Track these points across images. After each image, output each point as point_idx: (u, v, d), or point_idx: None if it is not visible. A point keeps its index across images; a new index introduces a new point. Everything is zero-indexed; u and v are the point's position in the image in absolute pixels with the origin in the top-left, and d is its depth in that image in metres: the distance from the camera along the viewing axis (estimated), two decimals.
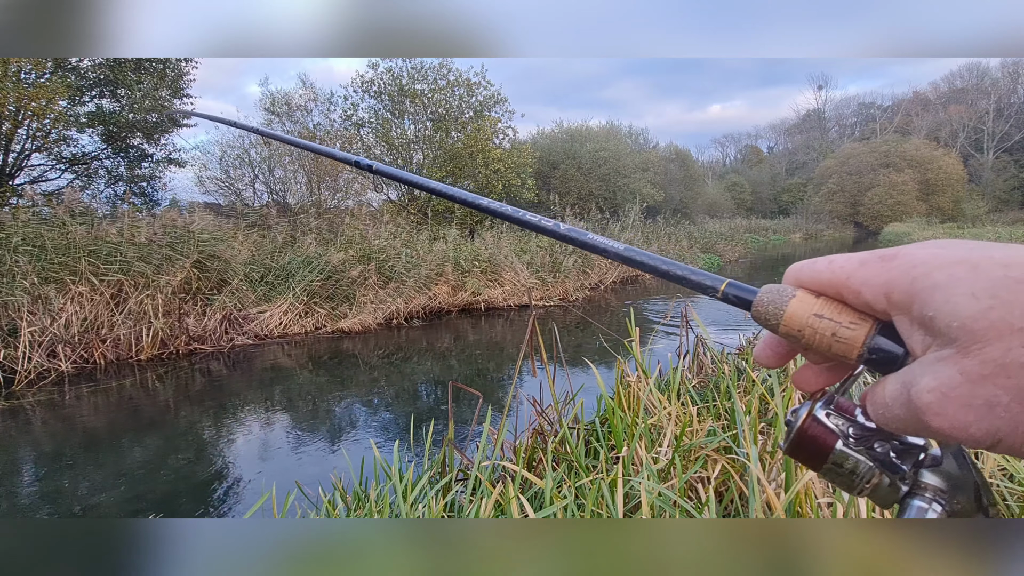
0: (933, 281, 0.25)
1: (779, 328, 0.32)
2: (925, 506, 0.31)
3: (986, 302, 0.24)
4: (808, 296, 0.31)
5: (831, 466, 0.32)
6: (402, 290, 9.48)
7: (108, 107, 13.02)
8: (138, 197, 13.66)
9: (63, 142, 12.54)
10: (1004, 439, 0.24)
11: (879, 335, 0.29)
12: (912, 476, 0.31)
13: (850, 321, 0.29)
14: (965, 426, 0.25)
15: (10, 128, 10.95)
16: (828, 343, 0.30)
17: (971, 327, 0.24)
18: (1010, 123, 41.35)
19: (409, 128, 19.44)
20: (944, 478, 0.31)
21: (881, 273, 0.28)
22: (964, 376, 0.24)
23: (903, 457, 0.32)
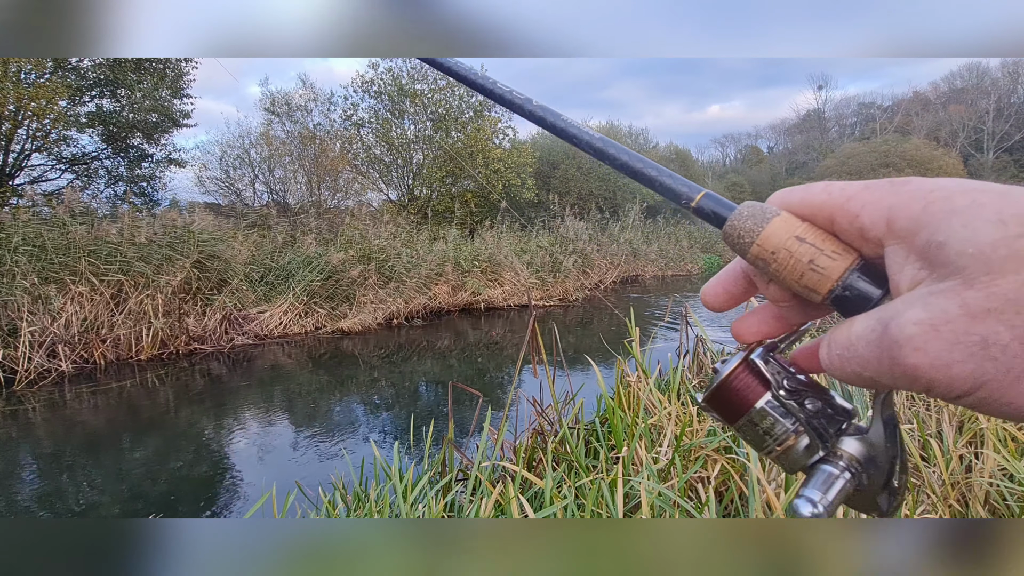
0: (952, 205, 0.23)
1: (751, 249, 0.29)
2: (836, 473, 0.29)
3: (1015, 229, 0.21)
4: (793, 218, 0.28)
5: (749, 421, 0.31)
6: (402, 290, 9.48)
7: (108, 107, 13.02)
8: (138, 197, 13.66)
9: (63, 142, 12.55)
10: (987, 385, 0.21)
11: (859, 271, 0.27)
12: (832, 441, 0.30)
13: (832, 250, 0.27)
14: (947, 365, 0.22)
15: (10, 128, 10.96)
16: (801, 271, 0.27)
17: (989, 255, 0.21)
18: (1010, 123, 41.35)
19: (409, 128, 19.44)
20: (865, 448, 0.29)
21: (888, 196, 0.25)
22: (963, 309, 0.21)
23: (829, 420, 0.30)
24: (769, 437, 0.30)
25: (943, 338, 0.22)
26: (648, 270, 16.00)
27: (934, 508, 1.97)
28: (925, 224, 0.23)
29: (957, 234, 0.22)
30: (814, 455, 0.30)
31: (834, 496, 0.28)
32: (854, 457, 0.29)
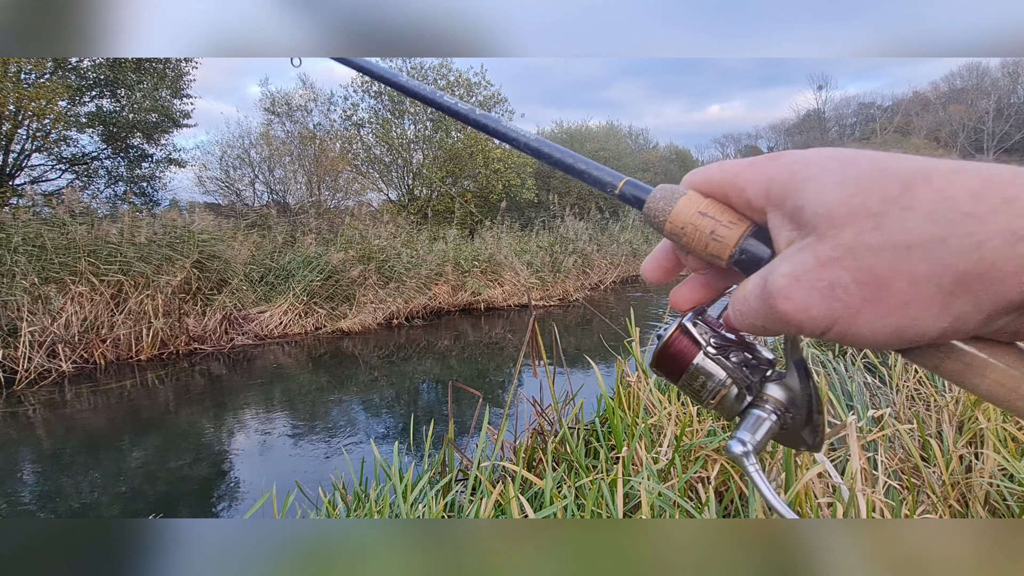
0: (809, 173, 0.27)
1: (665, 226, 0.33)
2: (764, 416, 0.33)
3: (851, 188, 0.25)
4: (697, 196, 0.32)
5: (688, 378, 0.34)
6: (402, 290, 9.48)
7: (108, 107, 13.02)
8: (138, 197, 13.66)
9: (63, 142, 12.55)
10: (839, 321, 0.25)
11: (752, 237, 0.30)
12: (758, 388, 0.33)
13: (729, 220, 0.31)
14: (807, 308, 0.25)
15: (10, 128, 10.96)
16: (706, 241, 0.31)
17: (833, 212, 0.25)
18: (1010, 123, 41.34)
19: (409, 128, 19.44)
20: (785, 392, 0.33)
21: (766, 170, 0.29)
22: (816, 260, 0.25)
23: (753, 370, 0.34)
24: (704, 391, 0.34)
25: (802, 286, 0.25)
26: None
27: (934, 508, 1.97)
28: (791, 192, 0.27)
29: (811, 198, 0.26)
30: (744, 402, 0.34)
31: (761, 436, 0.32)
32: (778, 400, 0.33)
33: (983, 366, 0.26)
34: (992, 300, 0.23)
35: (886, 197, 0.24)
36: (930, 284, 0.23)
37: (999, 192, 0.22)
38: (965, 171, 0.24)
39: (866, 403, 2.80)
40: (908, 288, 0.24)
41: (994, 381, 0.26)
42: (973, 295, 0.23)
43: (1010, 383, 0.25)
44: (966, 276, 0.23)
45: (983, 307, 0.23)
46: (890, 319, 0.24)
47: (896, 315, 0.24)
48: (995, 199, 0.22)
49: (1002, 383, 0.25)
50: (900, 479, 2.14)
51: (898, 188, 0.24)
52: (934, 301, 0.24)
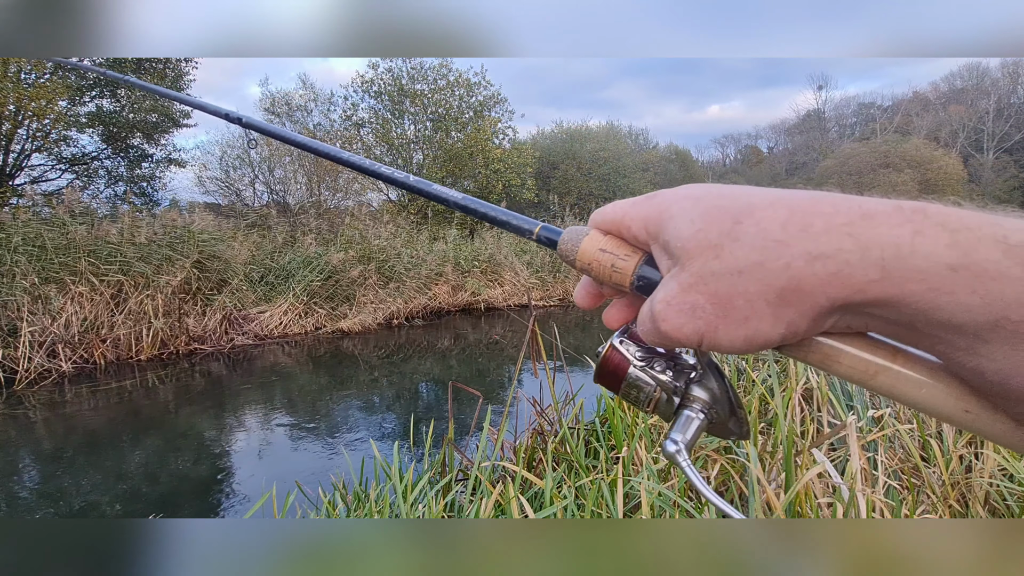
0: (671, 212, 0.31)
1: (576, 262, 0.38)
2: (692, 415, 0.37)
3: (697, 224, 0.30)
4: (598, 234, 0.37)
5: (625, 388, 0.39)
6: (402, 290, 9.48)
7: (108, 107, 13.02)
8: (138, 197, 13.66)
9: (63, 142, 12.55)
10: (705, 335, 0.30)
11: (646, 265, 0.34)
12: (683, 391, 0.37)
13: (624, 254, 0.35)
14: (680, 327, 0.30)
15: (10, 128, 10.96)
16: (609, 273, 0.36)
17: (686, 246, 0.30)
18: (1010, 123, 41.33)
19: (409, 128, 19.44)
20: (706, 391, 0.37)
21: (643, 210, 0.34)
22: (680, 286, 0.30)
23: (677, 375, 0.38)
24: (640, 399, 0.39)
25: (672, 309, 0.30)
26: None
27: (934, 508, 1.97)
28: (661, 228, 0.32)
29: (672, 234, 0.31)
30: (674, 405, 0.38)
31: (692, 433, 0.37)
32: (703, 399, 0.37)
33: (837, 354, 0.30)
34: (810, 308, 0.28)
35: (722, 231, 0.29)
36: (760, 300, 0.28)
37: (800, 221, 0.27)
38: (779, 203, 0.28)
39: (866, 403, 2.80)
40: (746, 305, 0.28)
41: (848, 366, 0.30)
42: (794, 306, 0.28)
43: (860, 366, 0.30)
44: (784, 292, 0.27)
45: (805, 314, 0.28)
46: (739, 331, 0.29)
47: (743, 328, 0.29)
48: (796, 227, 0.27)
49: (854, 367, 0.30)
50: (900, 479, 2.14)
51: (730, 222, 0.29)
52: (767, 314, 0.28)
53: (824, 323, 0.29)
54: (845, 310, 0.28)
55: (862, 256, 0.26)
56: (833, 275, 0.26)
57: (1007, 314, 0.24)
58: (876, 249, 0.26)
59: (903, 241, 0.25)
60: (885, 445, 2.25)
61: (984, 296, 0.24)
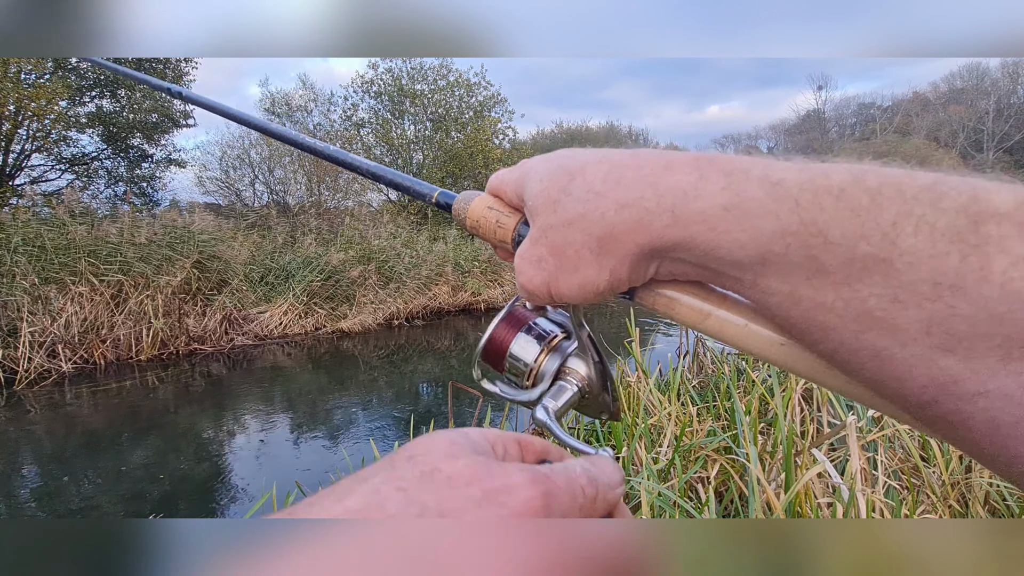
0: (528, 175, 0.34)
1: (466, 221, 0.40)
2: (566, 386, 0.38)
3: (544, 184, 0.32)
4: (487, 196, 0.40)
5: (509, 362, 0.40)
6: (402, 290, 9.48)
7: (108, 107, 13.02)
8: (138, 197, 13.66)
9: (63, 142, 12.54)
10: (551, 285, 0.32)
11: (524, 224, 0.37)
12: (561, 363, 0.39)
13: (508, 212, 0.38)
14: (531, 278, 0.33)
15: (10, 128, 10.96)
16: (494, 229, 0.38)
17: (535, 203, 0.32)
18: (1010, 123, 41.32)
19: (409, 128, 19.44)
20: (583, 365, 0.39)
21: (513, 174, 0.37)
22: (530, 241, 0.33)
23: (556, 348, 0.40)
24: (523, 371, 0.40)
25: (525, 261, 0.33)
26: None
27: (934, 508, 1.97)
28: (523, 188, 0.34)
29: (527, 192, 0.34)
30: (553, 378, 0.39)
31: (562, 402, 0.38)
32: (578, 372, 0.39)
33: (674, 301, 0.33)
34: (624, 254, 0.30)
35: (559, 187, 0.31)
36: (584, 249, 0.30)
37: (616, 174, 0.30)
38: (604, 160, 0.31)
39: None
40: (575, 255, 0.31)
41: (685, 311, 0.33)
42: (611, 253, 0.30)
43: (693, 311, 0.32)
44: (603, 239, 0.29)
45: (623, 260, 0.30)
46: (573, 279, 0.31)
47: (576, 275, 0.31)
48: (612, 180, 0.29)
49: (689, 311, 0.32)
50: (900, 479, 2.14)
51: (566, 178, 0.31)
52: (592, 261, 0.30)
53: (644, 270, 0.31)
54: (655, 255, 0.30)
55: (658, 203, 0.28)
56: (637, 222, 0.28)
57: (771, 247, 0.26)
58: (668, 196, 0.28)
59: (689, 186, 0.27)
60: (885, 445, 2.25)
61: (751, 232, 0.26)
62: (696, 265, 0.29)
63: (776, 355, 0.31)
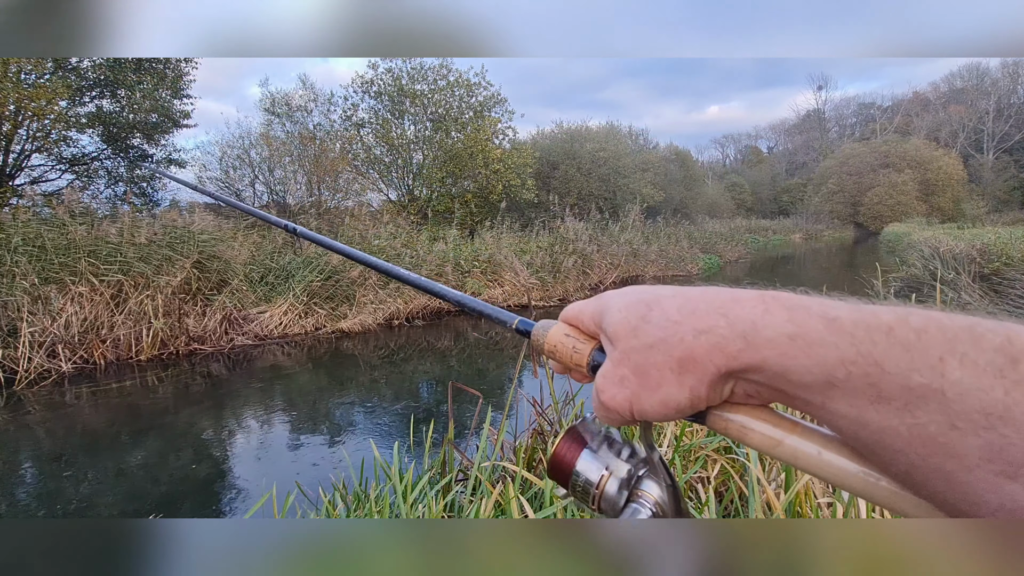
0: (608, 305, 0.39)
1: (544, 347, 0.44)
2: (640, 509, 0.39)
3: (624, 314, 0.37)
4: (564, 325, 0.44)
5: (574, 479, 0.42)
6: (402, 290, 9.48)
7: (108, 107, 13.02)
8: (138, 197, 13.65)
9: (63, 142, 12.54)
10: (633, 402, 0.35)
11: (598, 351, 0.41)
12: (633, 485, 0.40)
13: (583, 340, 0.42)
14: (613, 396, 0.36)
15: (10, 128, 10.96)
16: (570, 355, 0.42)
17: (616, 330, 0.37)
18: (1010, 123, 41.32)
19: (409, 128, 19.44)
20: (656, 486, 0.40)
21: (592, 305, 0.41)
22: (612, 363, 0.37)
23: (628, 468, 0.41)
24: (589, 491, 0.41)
25: (608, 381, 0.37)
26: (648, 270, 16.00)
27: None
28: (601, 318, 0.39)
29: (607, 321, 0.38)
30: (623, 499, 0.40)
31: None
32: (651, 495, 0.40)
33: (748, 427, 0.34)
34: (703, 374, 0.33)
35: (639, 315, 0.36)
36: (666, 369, 0.34)
37: (691, 305, 0.34)
38: (678, 294, 0.36)
39: None
40: (657, 373, 0.34)
41: (758, 436, 0.34)
42: (691, 373, 0.33)
43: (766, 437, 0.34)
44: (683, 360, 0.33)
45: (702, 379, 0.33)
46: (655, 396, 0.35)
47: (658, 393, 0.34)
48: (688, 310, 0.34)
49: (762, 437, 0.34)
50: None
51: (644, 308, 0.36)
52: (673, 380, 0.34)
53: (722, 389, 0.34)
54: (731, 376, 0.33)
55: (731, 330, 0.32)
56: (713, 346, 0.32)
57: (833, 373, 0.29)
58: (740, 324, 0.32)
59: (757, 316, 0.32)
60: None
61: (815, 359, 0.29)
62: (770, 387, 0.32)
63: (853, 484, 0.31)
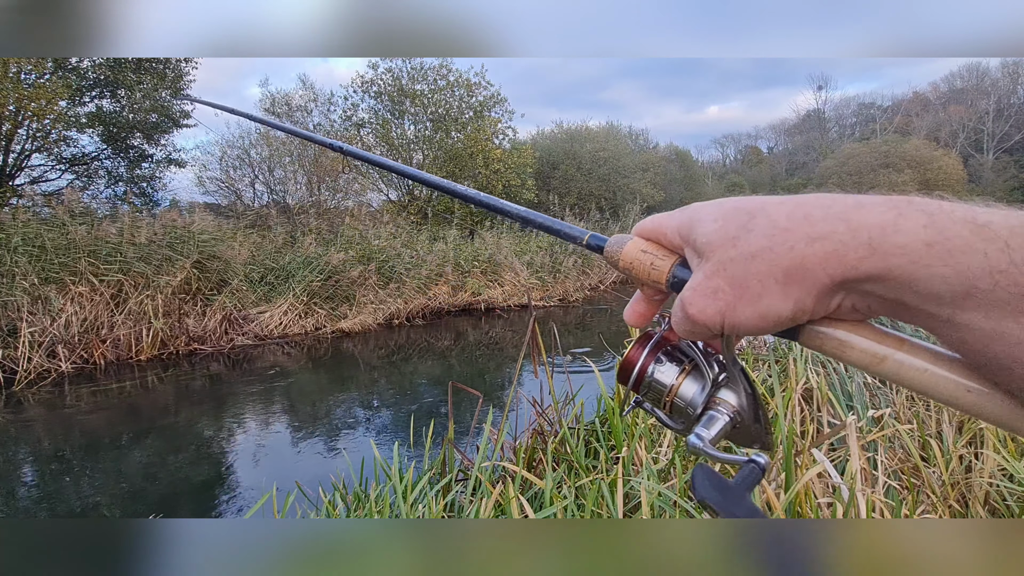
0: (698, 216, 0.36)
1: (619, 263, 0.42)
2: (718, 416, 0.39)
3: (719, 223, 0.34)
4: (640, 240, 0.42)
5: (647, 385, 0.42)
6: (402, 290, 9.48)
7: (108, 107, 13.01)
8: (138, 197, 13.65)
9: (63, 142, 12.53)
10: (726, 315, 0.33)
11: (680, 266, 0.39)
12: (711, 393, 0.40)
13: (663, 255, 0.40)
14: (703, 309, 0.34)
15: (10, 128, 10.95)
16: (648, 271, 0.40)
17: (710, 240, 0.34)
18: (1010, 123, 41.31)
19: (409, 128, 19.43)
20: (734, 395, 0.40)
21: (677, 218, 0.38)
22: (704, 275, 0.34)
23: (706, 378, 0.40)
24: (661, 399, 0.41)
25: (698, 294, 0.34)
26: None
27: (934, 508, 1.97)
28: (691, 231, 0.36)
29: (699, 232, 0.35)
30: (697, 408, 0.40)
31: (716, 431, 0.38)
32: (729, 402, 0.39)
33: (848, 343, 0.33)
34: (812, 285, 0.31)
35: (739, 224, 0.33)
36: (770, 279, 0.32)
37: (802, 211, 0.31)
38: (788, 201, 0.33)
39: (866, 403, 2.80)
40: (758, 284, 0.32)
41: (859, 352, 0.33)
42: (798, 283, 0.31)
43: (868, 353, 0.32)
44: (790, 270, 0.31)
45: (810, 291, 0.31)
46: (755, 308, 0.33)
47: (757, 305, 0.32)
48: (799, 216, 0.31)
49: (864, 353, 0.33)
50: (900, 479, 2.14)
51: (746, 217, 0.33)
52: (777, 291, 0.32)
53: (829, 302, 0.32)
54: (844, 287, 0.31)
55: (853, 236, 0.29)
56: (830, 254, 0.30)
57: (976, 283, 0.26)
58: (864, 230, 0.29)
59: (887, 222, 0.29)
60: (885, 445, 2.25)
61: (955, 267, 0.27)
62: (887, 299, 0.30)
63: (964, 400, 0.30)
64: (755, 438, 0.40)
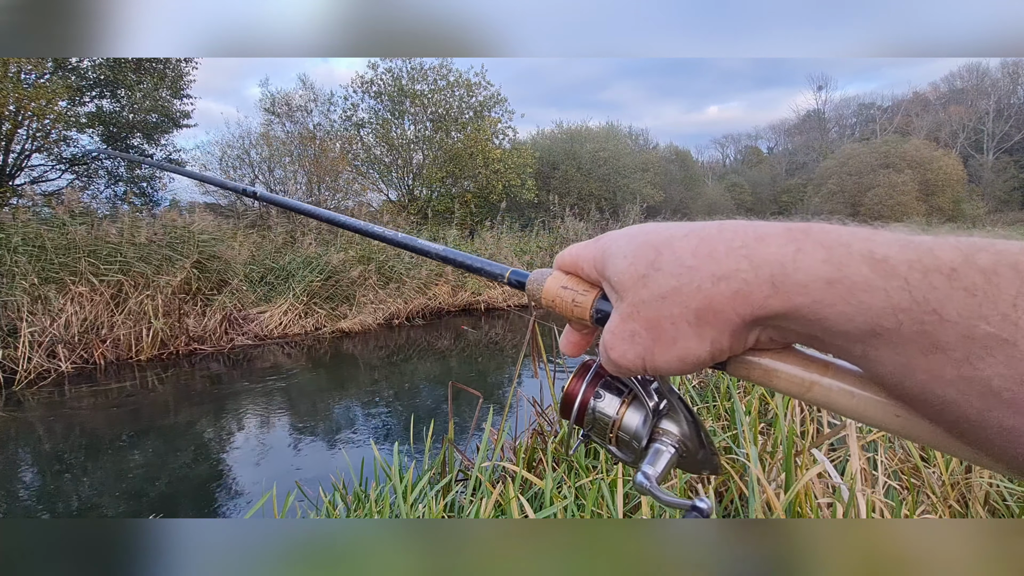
0: (611, 251, 0.34)
1: (542, 300, 0.40)
2: (663, 448, 0.38)
3: (629, 260, 0.33)
4: (560, 274, 0.40)
5: (589, 421, 0.40)
6: (402, 290, 9.48)
7: (108, 107, 13.02)
8: (138, 197, 13.65)
9: (63, 142, 12.54)
10: (646, 359, 0.32)
11: (602, 299, 0.37)
12: (653, 425, 0.39)
13: (583, 290, 0.38)
14: (624, 353, 0.33)
15: (10, 128, 10.95)
16: (571, 308, 0.38)
17: (622, 280, 0.33)
18: (1010, 123, 41.30)
19: (409, 128, 19.44)
20: (676, 425, 0.38)
21: (591, 251, 0.37)
22: (620, 317, 0.33)
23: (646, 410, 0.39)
24: (606, 433, 0.40)
25: (617, 338, 0.33)
26: None
27: (934, 508, 1.97)
28: (604, 267, 0.35)
29: (611, 269, 0.34)
30: (642, 441, 0.39)
31: (662, 466, 0.37)
32: (673, 433, 0.38)
33: (774, 371, 0.32)
34: (725, 324, 0.30)
35: (647, 262, 0.32)
36: (682, 322, 0.30)
37: (707, 247, 0.30)
38: (692, 234, 0.31)
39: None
40: (672, 328, 0.31)
41: (785, 381, 0.31)
42: (710, 324, 0.30)
43: (795, 381, 0.31)
44: (700, 312, 0.30)
45: (723, 330, 0.30)
46: (672, 352, 0.31)
47: (673, 348, 0.31)
48: (704, 253, 0.30)
49: (790, 381, 0.31)
50: (900, 479, 2.14)
51: (653, 254, 0.32)
52: (691, 333, 0.30)
53: (746, 338, 0.31)
54: (757, 324, 0.30)
55: (756, 274, 0.28)
56: (736, 293, 0.29)
57: (880, 322, 0.25)
58: (766, 267, 0.28)
59: (787, 259, 0.28)
60: (885, 445, 2.25)
61: (858, 307, 0.26)
62: (801, 333, 0.29)
63: (892, 424, 0.29)
64: (703, 464, 0.39)
